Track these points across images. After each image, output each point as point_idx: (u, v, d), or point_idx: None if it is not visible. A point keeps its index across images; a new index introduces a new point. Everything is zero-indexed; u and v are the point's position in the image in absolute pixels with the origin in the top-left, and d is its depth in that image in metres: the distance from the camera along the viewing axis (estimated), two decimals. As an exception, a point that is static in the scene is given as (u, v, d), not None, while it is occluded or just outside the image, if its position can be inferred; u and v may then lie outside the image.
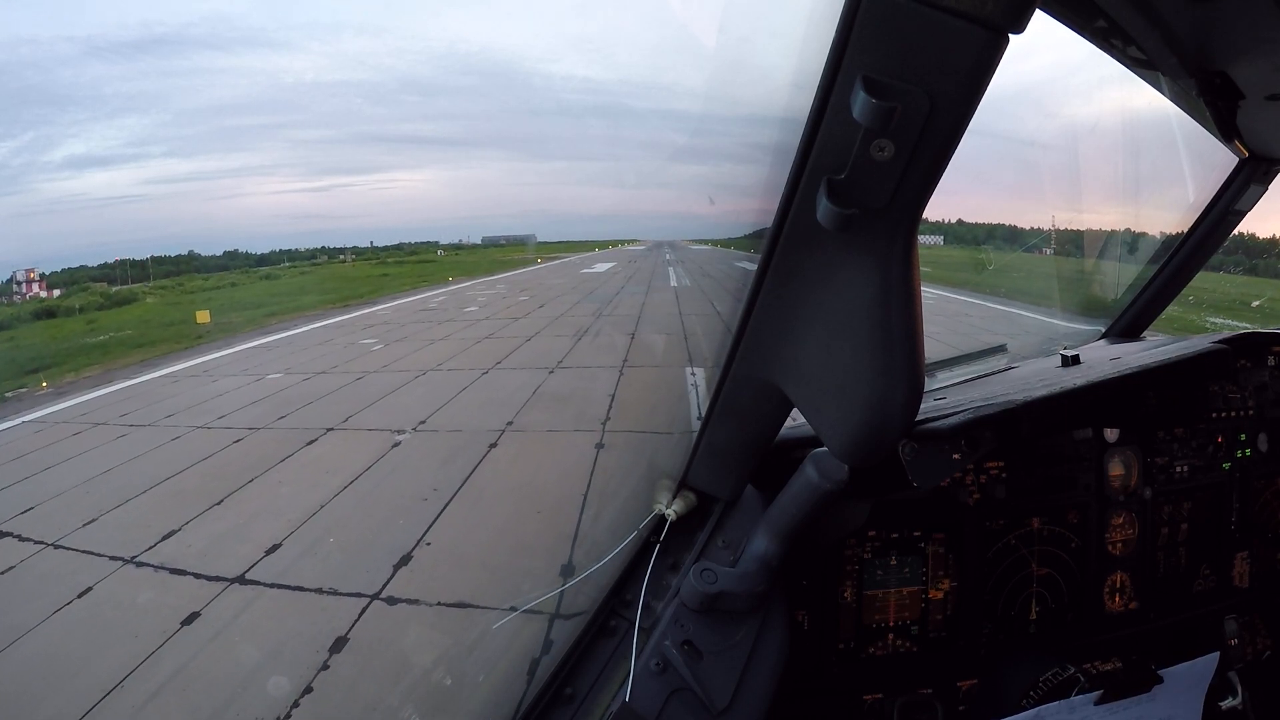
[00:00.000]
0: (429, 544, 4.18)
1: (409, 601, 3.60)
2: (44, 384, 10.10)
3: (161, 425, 7.17)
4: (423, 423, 6.64)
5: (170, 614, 3.60)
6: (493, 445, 5.91)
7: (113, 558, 4.27)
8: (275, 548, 4.25)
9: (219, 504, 4.97)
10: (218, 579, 3.93)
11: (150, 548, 4.37)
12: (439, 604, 3.54)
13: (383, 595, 3.67)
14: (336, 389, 8.29)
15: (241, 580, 3.91)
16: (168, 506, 4.98)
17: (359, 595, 3.67)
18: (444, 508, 4.66)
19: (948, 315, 12.55)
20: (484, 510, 4.70)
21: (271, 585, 3.84)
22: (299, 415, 7.17)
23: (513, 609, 3.56)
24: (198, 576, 3.97)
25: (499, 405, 7.10)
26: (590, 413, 6.73)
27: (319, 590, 3.75)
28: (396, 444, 6.08)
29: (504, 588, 3.70)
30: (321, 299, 19.19)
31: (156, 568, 4.13)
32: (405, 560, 4.00)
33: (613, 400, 7.22)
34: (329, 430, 6.54)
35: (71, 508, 5.11)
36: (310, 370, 9.52)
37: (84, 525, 4.79)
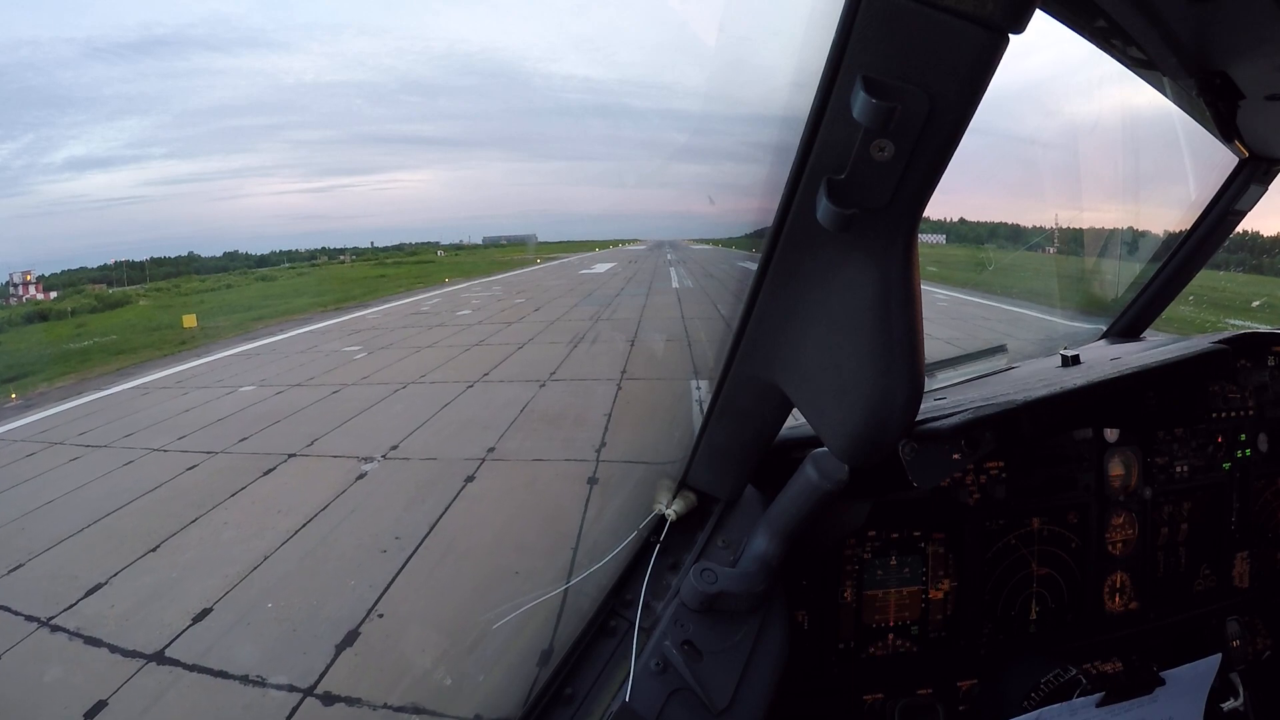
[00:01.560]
0: (381, 615, 3.52)
1: (348, 701, 2.98)
2: (13, 395, 9.45)
3: (118, 446, 6.56)
4: (394, 448, 5.90)
5: (76, 701, 3.05)
6: (469, 478, 5.12)
7: (29, 617, 3.69)
8: (205, 613, 3.62)
9: (154, 550, 4.34)
10: (134, 654, 3.34)
11: (71, 606, 3.78)
12: (385, 706, 2.97)
13: (318, 690, 3.03)
14: (309, 404, 7.63)
15: (160, 658, 3.32)
16: (102, 552, 4.38)
17: (291, 689, 3.04)
18: (404, 564, 3.97)
19: (965, 319, 12.02)
20: (449, 569, 3.95)
21: (191, 668, 3.24)
22: (262, 437, 6.51)
23: (513, 609, 3.50)
24: (113, 650, 3.40)
25: (481, 427, 6.32)
26: (582, 438, 5.94)
27: (244, 679, 3.13)
28: (362, 475, 5.35)
29: (466, 684, 3.07)
30: (314, 301, 18.72)
31: (72, 634, 3.55)
32: (351, 639, 3.35)
33: (609, 421, 6.38)
34: (290, 457, 5.84)
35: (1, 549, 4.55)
36: (285, 382, 8.89)
37: (9, 572, 4.25)
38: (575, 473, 5.17)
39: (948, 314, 12.60)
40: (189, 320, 15.56)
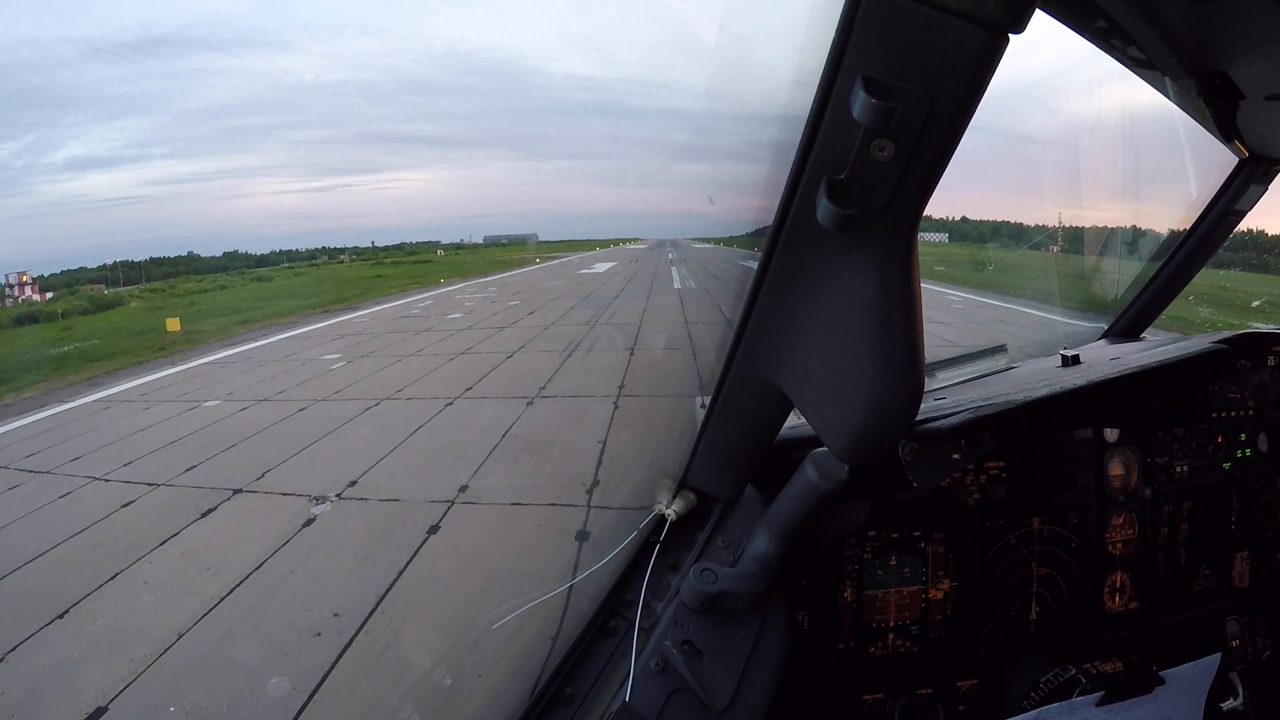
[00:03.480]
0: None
1: None
2: (-26, 407, 8.82)
3: (61, 473, 5.93)
4: (353, 484, 5.11)
5: None
6: (433, 529, 4.29)
7: None
8: (100, 712, 2.94)
9: (62, 617, 3.66)
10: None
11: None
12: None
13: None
14: (271, 424, 6.88)
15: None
16: (4, 616, 3.73)
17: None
18: (338, 657, 3.16)
19: (985, 323, 11.27)
20: (391, 665, 3.17)
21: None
22: (211, 466, 5.77)
23: (513, 609, 3.43)
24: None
25: (454, 458, 5.52)
26: (572, 474, 5.02)
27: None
28: (310, 520, 4.57)
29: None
30: (303, 304, 18.01)
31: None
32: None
33: (603, 451, 5.43)
34: (235, 493, 5.11)
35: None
36: (252, 396, 8.18)
37: None
38: (560, 523, 4.32)
39: (966, 318, 11.95)
40: (172, 324, 14.95)
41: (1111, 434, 1.45)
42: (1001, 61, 0.59)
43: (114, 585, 3.99)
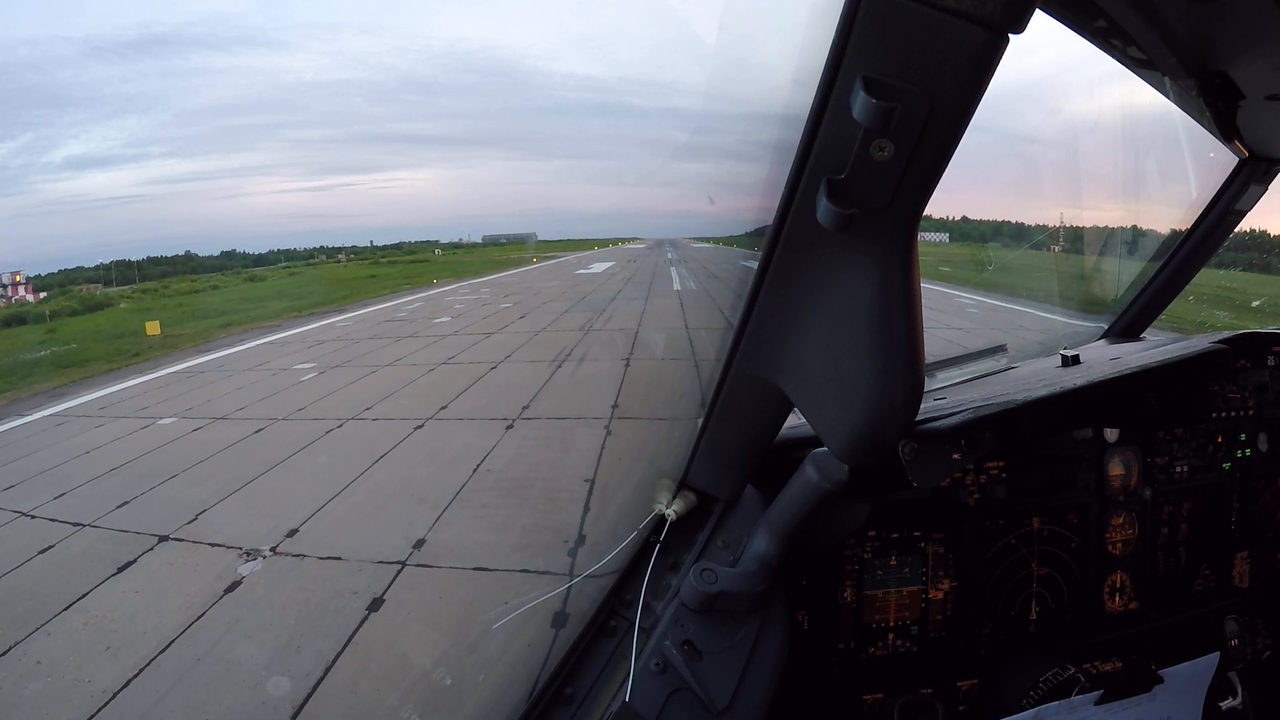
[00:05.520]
0: None
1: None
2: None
3: None
4: (293, 534, 4.31)
5: None
6: (375, 604, 3.48)
7: None
8: None
9: None
10: None
11: None
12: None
13: None
14: (221, 449, 6.15)
15: None
16: None
17: None
18: None
19: (1005, 330, 10.34)
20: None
21: None
22: (144, 504, 5.01)
23: (513, 609, 3.31)
24: None
25: (415, 499, 4.68)
26: (553, 526, 4.14)
27: None
28: (234, 584, 3.82)
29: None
30: (290, 305, 17.25)
31: None
32: None
33: (590, 492, 4.52)
34: (160, 541, 4.37)
35: None
36: (211, 413, 7.42)
37: None
38: (534, 596, 3.49)
39: (984, 323, 10.87)
40: (152, 327, 14.17)
41: (1111, 434, 1.45)
42: (1001, 61, 0.59)
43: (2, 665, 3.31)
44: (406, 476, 5.18)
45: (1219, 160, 1.63)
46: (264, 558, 4.10)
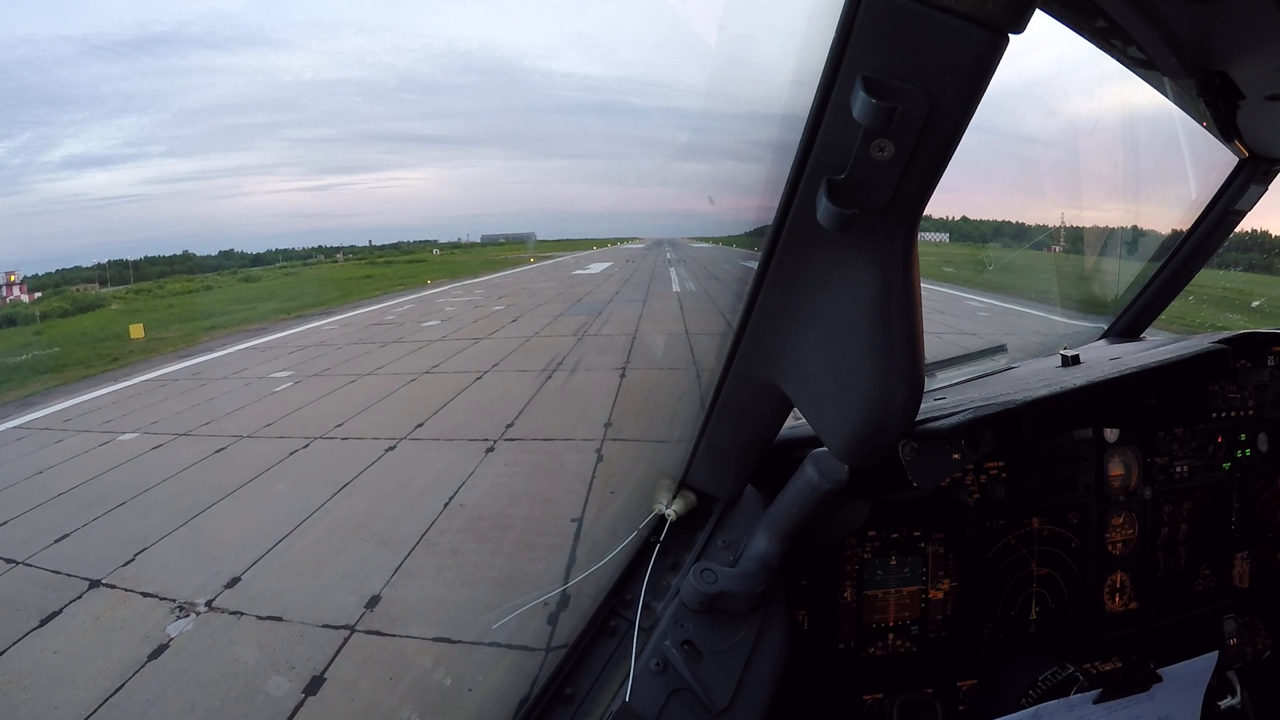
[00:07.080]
0: None
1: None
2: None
3: None
4: (235, 581, 3.82)
5: None
6: (314, 684, 2.94)
7: None
8: None
9: None
10: None
11: None
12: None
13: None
14: (177, 472, 5.63)
15: None
16: None
17: None
18: None
19: (1020, 336, 9.78)
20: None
21: None
22: (84, 537, 4.55)
23: (513, 609, 3.27)
24: None
25: (375, 542, 4.16)
26: (532, 574, 3.64)
27: None
28: (162, 646, 3.29)
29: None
30: (279, 307, 16.73)
31: None
32: None
33: (578, 534, 4.01)
34: (91, 586, 3.88)
35: None
36: (174, 429, 6.93)
37: None
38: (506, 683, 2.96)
39: (1001, 330, 10.30)
40: (136, 330, 13.66)
41: (1111, 434, 1.45)
42: (1001, 61, 0.59)
43: None
44: (368, 512, 4.62)
45: (1219, 160, 1.63)
46: (197, 614, 3.58)
